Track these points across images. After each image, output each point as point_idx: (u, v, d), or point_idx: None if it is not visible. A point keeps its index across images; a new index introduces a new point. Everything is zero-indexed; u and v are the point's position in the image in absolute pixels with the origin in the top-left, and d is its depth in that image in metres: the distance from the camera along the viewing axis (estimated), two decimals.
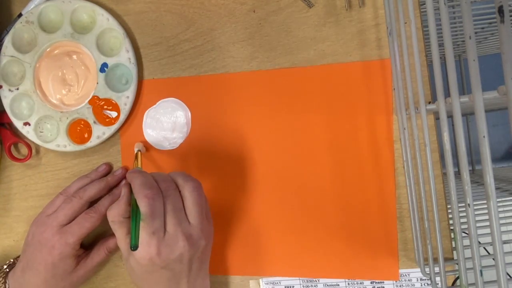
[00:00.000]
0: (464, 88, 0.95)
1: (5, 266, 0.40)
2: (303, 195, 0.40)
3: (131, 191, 0.33)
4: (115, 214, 0.33)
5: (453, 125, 0.25)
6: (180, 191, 0.34)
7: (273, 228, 0.40)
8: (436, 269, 0.33)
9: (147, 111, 0.42)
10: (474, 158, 0.96)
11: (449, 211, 0.32)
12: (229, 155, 0.41)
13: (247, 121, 0.41)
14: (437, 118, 0.31)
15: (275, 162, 0.40)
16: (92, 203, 0.40)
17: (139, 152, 0.40)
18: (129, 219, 0.33)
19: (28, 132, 0.42)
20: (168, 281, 0.33)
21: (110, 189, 0.41)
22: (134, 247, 0.30)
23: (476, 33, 0.80)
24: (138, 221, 0.31)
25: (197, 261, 0.34)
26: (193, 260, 0.33)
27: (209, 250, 0.36)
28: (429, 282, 0.38)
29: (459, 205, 0.28)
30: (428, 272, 0.34)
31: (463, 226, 0.44)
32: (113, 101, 0.41)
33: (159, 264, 0.31)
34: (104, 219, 0.39)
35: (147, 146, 0.42)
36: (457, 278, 0.37)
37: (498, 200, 0.70)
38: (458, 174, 0.30)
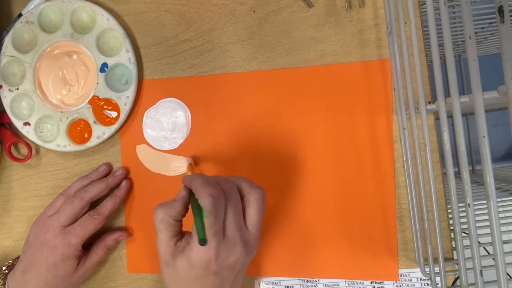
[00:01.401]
0: (464, 88, 0.95)
1: (4, 268, 0.40)
2: (303, 195, 0.40)
3: (190, 195, 0.32)
4: (166, 214, 0.31)
5: (453, 125, 0.25)
6: (243, 196, 0.32)
7: (273, 228, 0.40)
8: (436, 269, 0.33)
9: (147, 111, 0.42)
10: (474, 158, 0.96)
11: (449, 211, 0.32)
12: (228, 155, 0.41)
13: (247, 121, 0.41)
14: (437, 118, 0.31)
15: (274, 162, 0.40)
16: (92, 203, 0.40)
17: (190, 165, 0.40)
18: (178, 222, 0.32)
19: (28, 132, 0.42)
20: None
21: (111, 189, 0.41)
22: (202, 241, 0.27)
23: (476, 33, 0.80)
24: (202, 218, 0.29)
25: (242, 271, 0.32)
26: (241, 270, 0.32)
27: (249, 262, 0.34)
28: (429, 282, 0.38)
29: (459, 205, 0.28)
30: (428, 272, 0.34)
31: (463, 226, 0.44)
32: (113, 101, 0.41)
33: (213, 268, 0.29)
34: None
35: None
36: (457, 278, 0.37)
37: (498, 200, 0.70)
38: (458, 174, 0.30)
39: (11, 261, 0.41)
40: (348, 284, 0.39)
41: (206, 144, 0.41)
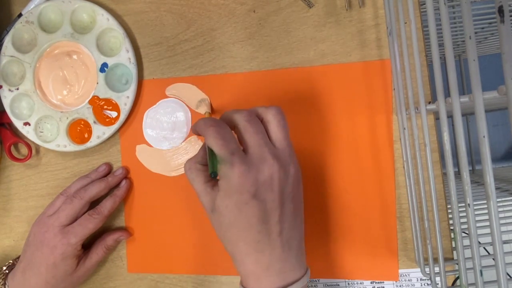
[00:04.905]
0: (464, 88, 0.95)
1: (4, 268, 0.40)
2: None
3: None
4: (191, 162, 0.32)
5: (453, 125, 0.25)
6: (262, 119, 0.31)
7: None
8: (436, 269, 0.33)
9: (147, 111, 0.42)
10: (474, 158, 0.96)
11: (449, 211, 0.32)
12: None
13: None
14: (437, 118, 0.31)
15: None
16: (92, 203, 0.40)
17: (208, 113, 0.40)
18: (206, 166, 0.32)
19: (28, 132, 0.42)
20: (260, 222, 0.28)
21: (111, 189, 0.41)
22: (213, 174, 0.29)
23: (476, 33, 0.80)
24: (212, 157, 0.30)
25: (289, 198, 0.30)
26: (284, 192, 0.29)
27: (301, 192, 0.32)
28: (429, 282, 0.38)
29: (459, 205, 0.28)
30: (428, 272, 0.34)
31: (463, 226, 0.44)
32: (113, 101, 0.41)
33: (249, 188, 0.28)
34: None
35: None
36: (457, 278, 0.37)
37: (498, 200, 0.70)
38: (458, 174, 0.30)
39: (11, 261, 0.41)
40: (348, 284, 0.39)
41: None
